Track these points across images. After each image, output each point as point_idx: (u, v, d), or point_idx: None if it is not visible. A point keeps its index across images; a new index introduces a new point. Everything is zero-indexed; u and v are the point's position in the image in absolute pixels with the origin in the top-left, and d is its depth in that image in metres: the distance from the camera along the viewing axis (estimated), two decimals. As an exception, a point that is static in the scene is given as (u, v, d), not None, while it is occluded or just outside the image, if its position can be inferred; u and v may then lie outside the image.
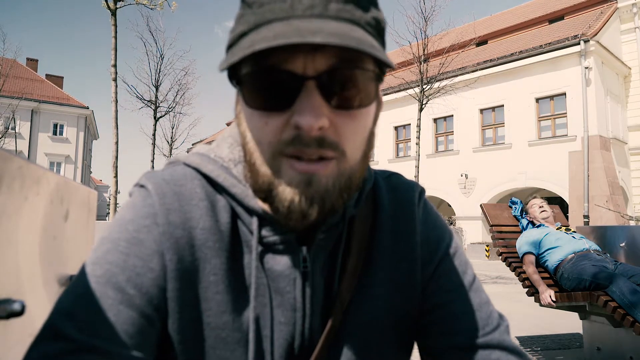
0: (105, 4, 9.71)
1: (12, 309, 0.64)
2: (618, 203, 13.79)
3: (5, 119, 21.88)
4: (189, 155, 0.59)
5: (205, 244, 0.53)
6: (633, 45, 17.08)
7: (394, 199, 0.63)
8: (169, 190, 0.54)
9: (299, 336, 0.55)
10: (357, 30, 0.44)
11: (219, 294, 0.53)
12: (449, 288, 0.60)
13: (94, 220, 1.40)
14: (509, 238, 3.58)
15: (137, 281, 0.49)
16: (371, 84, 0.48)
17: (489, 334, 0.57)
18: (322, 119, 0.45)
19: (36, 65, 33.94)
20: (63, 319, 0.46)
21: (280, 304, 0.55)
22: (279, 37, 0.40)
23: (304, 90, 0.45)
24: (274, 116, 0.46)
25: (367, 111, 0.49)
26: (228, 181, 0.55)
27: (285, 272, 0.55)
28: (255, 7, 0.46)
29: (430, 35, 13.62)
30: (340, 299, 0.56)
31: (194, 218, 0.53)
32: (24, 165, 0.70)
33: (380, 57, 0.41)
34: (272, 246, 0.55)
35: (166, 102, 16.85)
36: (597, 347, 3.28)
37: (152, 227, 0.52)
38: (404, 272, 0.60)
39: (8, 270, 0.67)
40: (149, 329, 0.49)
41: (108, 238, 0.52)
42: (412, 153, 18.32)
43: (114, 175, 9.79)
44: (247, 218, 0.55)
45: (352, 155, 0.49)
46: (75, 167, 30.74)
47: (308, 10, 0.44)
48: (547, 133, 15.73)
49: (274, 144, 0.47)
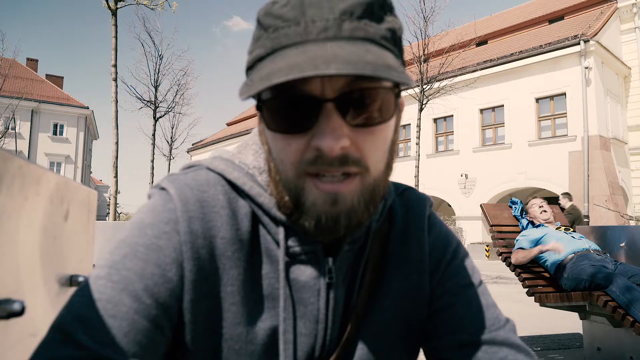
0: (105, 4, 9.71)
1: (12, 309, 0.64)
2: (618, 203, 13.79)
3: (5, 119, 21.87)
4: (213, 160, 0.58)
5: (225, 254, 0.52)
6: (633, 45, 17.08)
7: (407, 213, 0.64)
8: (192, 196, 0.53)
9: (319, 348, 0.55)
10: (372, 50, 0.44)
11: (235, 305, 0.52)
12: (455, 291, 0.61)
13: (94, 220, 1.40)
14: (509, 238, 3.57)
15: (154, 290, 0.47)
16: (390, 99, 0.48)
17: (495, 331, 0.57)
18: (342, 139, 0.45)
19: (36, 65, 33.93)
20: (74, 322, 0.44)
21: (303, 315, 0.54)
22: (293, 69, 0.40)
23: (323, 113, 0.45)
24: (295, 138, 0.47)
25: (387, 125, 0.49)
26: (254, 190, 0.55)
27: (310, 283, 0.54)
28: (270, 31, 0.47)
29: (430, 35, 13.63)
30: (357, 312, 0.57)
31: (215, 227, 0.52)
32: (24, 165, 0.70)
33: (394, 79, 0.41)
34: (297, 256, 0.55)
35: (165, 102, 16.87)
36: (597, 347, 3.28)
37: (172, 234, 0.50)
38: (414, 283, 0.61)
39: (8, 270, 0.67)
40: (161, 340, 0.48)
41: (125, 242, 0.50)
42: (412, 153, 18.31)
43: (114, 175, 9.79)
44: (272, 227, 0.54)
45: (376, 169, 0.49)
46: (75, 167, 30.74)
47: (322, 33, 0.44)
48: (547, 133, 15.73)
49: (296, 164, 0.47)
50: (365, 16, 0.46)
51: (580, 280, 2.95)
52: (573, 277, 3.00)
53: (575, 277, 2.99)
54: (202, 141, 33.57)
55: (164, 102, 16.72)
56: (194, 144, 33.50)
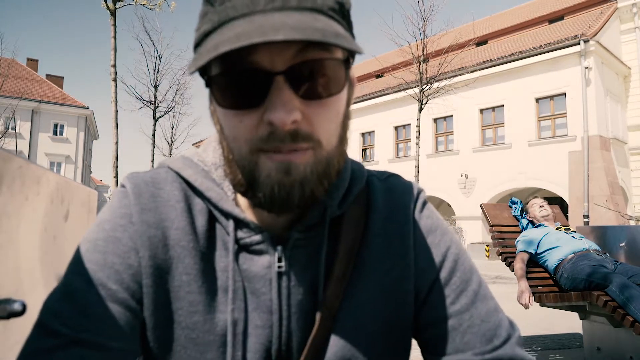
0: (104, 4, 9.71)
1: (13, 308, 0.64)
2: (618, 203, 13.78)
3: (6, 119, 21.87)
4: (174, 159, 0.61)
5: (179, 243, 0.54)
6: (633, 45, 17.07)
7: (390, 200, 0.61)
8: (146, 191, 0.56)
9: (276, 340, 0.54)
10: (320, 19, 0.44)
11: (191, 293, 0.53)
12: (452, 299, 0.57)
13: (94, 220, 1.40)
14: (509, 238, 3.57)
15: (117, 277, 0.51)
16: (340, 71, 0.48)
17: (499, 347, 0.55)
18: (293, 113, 0.45)
19: (36, 65, 33.92)
20: (51, 316, 0.48)
21: (257, 307, 0.54)
22: (241, 37, 0.40)
23: (274, 86, 0.45)
24: (247, 114, 0.47)
25: (338, 97, 0.49)
26: (204, 185, 0.56)
27: (261, 273, 0.54)
28: (217, 4, 0.47)
29: (429, 36, 13.63)
30: (328, 304, 0.55)
31: (169, 218, 0.55)
32: (24, 165, 0.70)
33: (344, 45, 0.41)
34: (248, 247, 0.55)
35: (165, 102, 16.86)
36: (597, 347, 3.28)
37: (127, 226, 0.54)
38: (395, 277, 0.58)
39: (8, 270, 0.67)
40: (133, 320, 0.51)
41: (87, 238, 0.54)
42: (412, 153, 18.31)
43: (114, 175, 9.79)
44: (223, 221, 0.56)
45: (328, 142, 0.49)
46: (76, 167, 30.72)
47: (269, 3, 0.44)
48: (547, 133, 15.72)
49: (250, 140, 0.47)
50: None
51: (579, 280, 2.95)
52: (573, 277, 3.00)
53: (574, 277, 2.99)
54: (202, 141, 33.51)
55: (164, 102, 16.72)
56: (194, 144, 33.49)
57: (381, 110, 20.16)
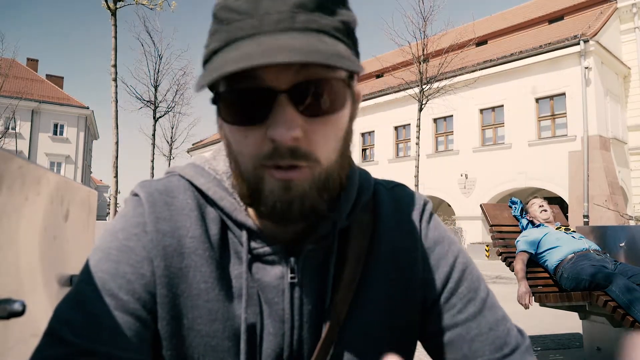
0: (105, 4, 9.71)
1: (13, 308, 0.64)
2: (618, 203, 13.78)
3: (6, 119, 21.87)
4: (185, 167, 0.61)
5: (195, 251, 0.54)
6: (633, 45, 17.07)
7: (397, 211, 0.62)
8: (160, 200, 0.56)
9: (287, 348, 0.55)
10: (324, 40, 0.45)
11: (210, 302, 0.54)
12: (460, 307, 0.58)
13: (94, 220, 1.40)
14: (509, 238, 3.57)
15: (129, 287, 0.51)
16: (342, 88, 0.49)
17: (508, 356, 0.56)
18: (295, 130, 0.46)
19: (36, 65, 33.93)
20: (61, 325, 0.48)
21: (270, 315, 0.55)
22: (245, 58, 0.41)
23: (277, 103, 0.46)
24: (251, 130, 0.48)
25: (340, 114, 0.50)
26: (217, 194, 0.57)
27: (274, 283, 0.55)
28: (225, 24, 0.48)
29: (429, 35, 13.64)
30: (335, 312, 0.55)
31: (184, 227, 0.55)
32: (24, 165, 0.70)
33: (345, 67, 0.42)
34: (261, 257, 0.56)
35: (165, 102, 16.87)
36: (597, 347, 3.28)
37: (141, 235, 0.54)
38: (401, 287, 0.59)
39: (8, 270, 0.67)
40: (144, 331, 0.51)
41: (100, 247, 0.54)
42: (412, 153, 18.30)
43: (114, 175, 9.79)
44: (236, 230, 0.56)
45: (327, 159, 0.50)
46: (76, 167, 30.74)
47: (275, 25, 0.45)
48: (547, 133, 15.72)
49: (254, 156, 0.49)
50: (318, 9, 0.47)
51: (580, 280, 2.95)
52: (573, 277, 3.00)
53: (575, 277, 2.99)
54: (202, 141, 33.55)
55: (164, 102, 16.74)
56: (194, 144, 33.48)
57: (381, 110, 20.17)
